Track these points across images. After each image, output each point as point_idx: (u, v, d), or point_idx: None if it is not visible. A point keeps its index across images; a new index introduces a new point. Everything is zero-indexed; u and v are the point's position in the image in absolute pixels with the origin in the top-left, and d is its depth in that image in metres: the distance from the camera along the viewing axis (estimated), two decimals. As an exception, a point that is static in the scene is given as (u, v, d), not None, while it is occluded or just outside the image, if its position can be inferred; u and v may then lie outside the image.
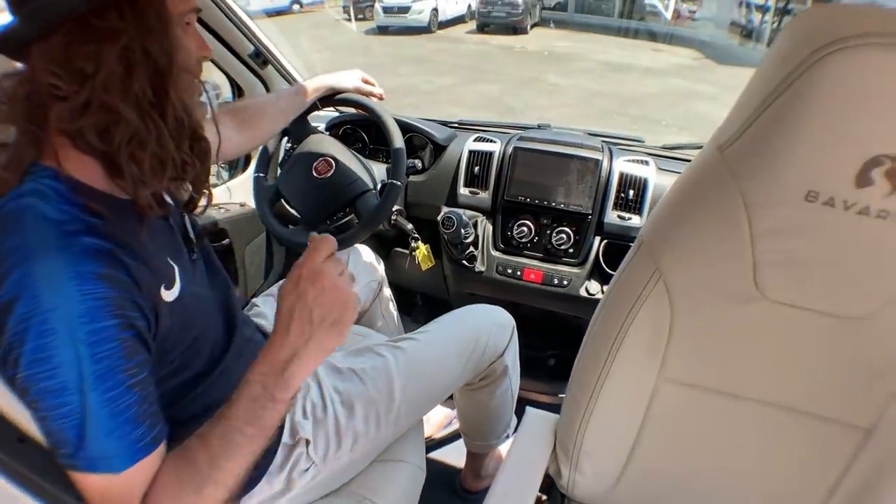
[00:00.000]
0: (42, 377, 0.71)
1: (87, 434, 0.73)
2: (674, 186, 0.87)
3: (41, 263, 0.71)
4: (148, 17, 0.78)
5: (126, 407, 0.75)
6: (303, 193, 1.72)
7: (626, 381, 0.96)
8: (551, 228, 1.86)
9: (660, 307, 0.87)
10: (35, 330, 0.70)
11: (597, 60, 12.99)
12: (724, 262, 0.80)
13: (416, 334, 1.46)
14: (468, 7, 18.32)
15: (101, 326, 0.73)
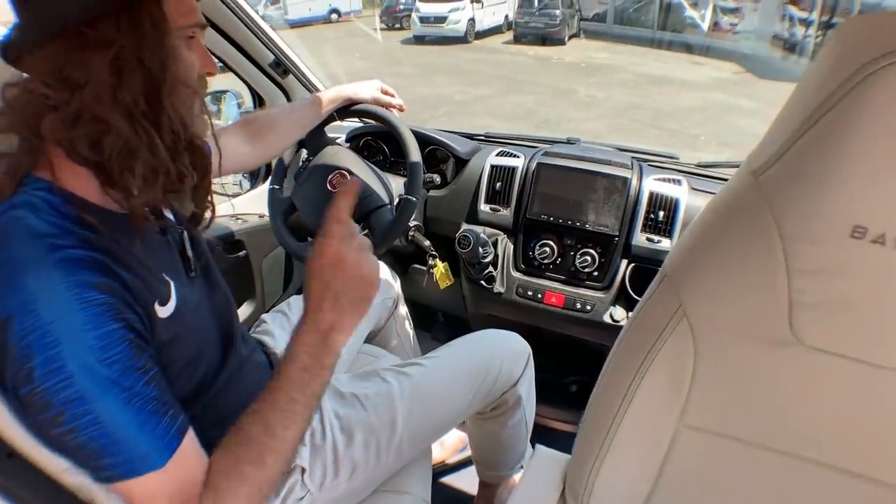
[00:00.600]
0: (60, 387, 0.70)
1: (118, 437, 0.73)
2: (702, 214, 0.78)
3: (34, 276, 0.71)
4: (143, 27, 0.77)
5: (147, 401, 0.75)
6: (316, 207, 1.66)
7: (644, 425, 0.88)
8: (575, 249, 1.77)
9: (682, 347, 0.78)
10: (39, 343, 0.69)
11: (634, 72, 12.85)
12: (755, 300, 0.71)
13: (425, 360, 1.39)
14: (505, 17, 18.37)
15: (106, 331, 0.73)
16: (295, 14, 20.13)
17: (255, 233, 2.10)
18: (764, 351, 0.73)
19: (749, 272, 0.70)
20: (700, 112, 9.88)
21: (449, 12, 16.70)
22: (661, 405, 0.84)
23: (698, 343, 0.77)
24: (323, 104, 1.60)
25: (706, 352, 0.77)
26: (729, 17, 16.58)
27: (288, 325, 1.50)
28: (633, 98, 10.83)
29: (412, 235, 1.76)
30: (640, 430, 0.88)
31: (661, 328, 0.79)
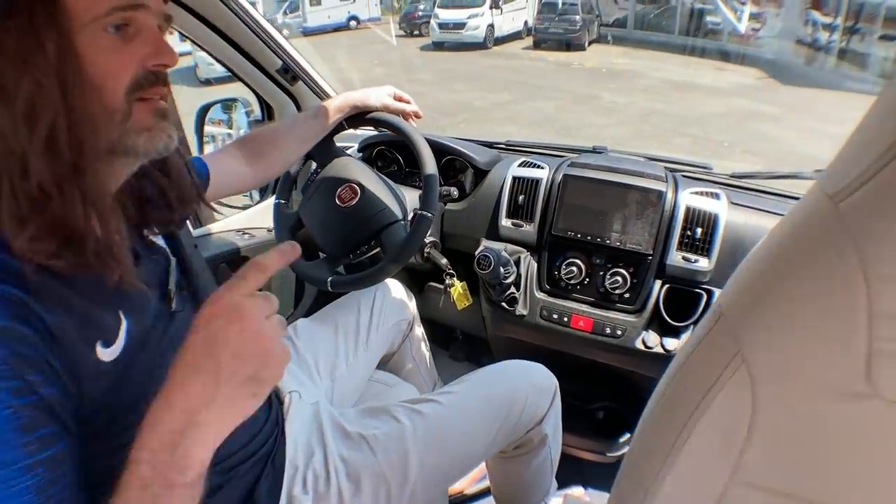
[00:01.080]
0: None
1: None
2: (766, 242, 0.65)
3: None
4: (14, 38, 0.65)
5: (20, 492, 0.58)
6: (324, 223, 1.54)
7: (690, 483, 0.75)
8: (605, 269, 1.63)
9: (739, 397, 0.65)
10: None
11: (656, 78, 12.75)
12: (827, 347, 0.57)
13: (440, 395, 1.26)
14: (525, 23, 18.41)
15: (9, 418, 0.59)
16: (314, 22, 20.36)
17: (263, 249, 1.99)
18: (834, 404, 0.60)
19: (822, 314, 0.56)
20: (723, 118, 9.73)
21: (468, 18, 16.77)
22: (711, 461, 0.71)
23: (758, 393, 0.63)
24: (330, 113, 1.48)
25: (766, 403, 0.64)
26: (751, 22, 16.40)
27: (293, 352, 1.39)
28: (655, 104, 10.74)
29: (428, 252, 1.63)
30: (685, 488, 0.75)
31: (716, 376, 0.66)
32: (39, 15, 0.66)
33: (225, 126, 2.28)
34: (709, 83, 12.57)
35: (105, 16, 0.71)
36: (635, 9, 18.92)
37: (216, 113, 2.21)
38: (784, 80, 12.71)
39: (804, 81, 12.56)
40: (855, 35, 14.18)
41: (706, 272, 1.54)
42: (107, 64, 0.72)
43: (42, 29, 0.66)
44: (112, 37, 0.72)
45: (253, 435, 1.02)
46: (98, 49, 0.71)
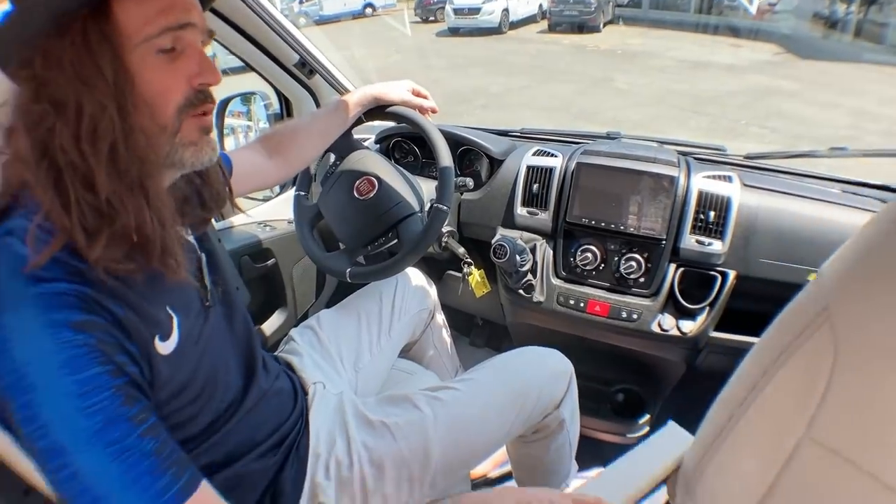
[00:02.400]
0: (36, 437, 0.64)
1: (101, 496, 0.65)
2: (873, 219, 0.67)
3: (10, 313, 0.65)
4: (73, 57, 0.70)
5: (141, 457, 0.68)
6: (342, 215, 1.58)
7: (769, 424, 0.78)
8: (619, 255, 1.66)
9: (822, 352, 0.67)
10: (16, 386, 0.64)
11: (672, 58, 12.62)
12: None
13: (459, 383, 1.29)
14: (539, 7, 18.22)
15: (87, 376, 0.66)
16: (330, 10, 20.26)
17: (284, 240, 2.03)
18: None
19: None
20: (741, 96, 9.63)
21: (483, 3, 16.61)
22: (789, 408, 0.74)
23: (839, 352, 0.66)
24: (349, 107, 1.50)
25: (846, 364, 0.66)
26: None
27: (318, 343, 1.43)
28: (671, 84, 10.62)
29: (446, 242, 1.67)
30: (763, 427, 0.79)
31: (802, 327, 0.69)
32: (93, 33, 0.69)
33: (245, 118, 2.33)
34: (725, 61, 12.43)
35: (157, 36, 0.74)
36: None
37: (235, 105, 2.25)
38: (802, 54, 12.56)
39: (822, 55, 12.39)
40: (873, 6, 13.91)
41: (720, 254, 1.56)
42: (158, 83, 0.75)
43: (97, 48, 0.70)
44: (160, 56, 0.75)
45: (278, 425, 1.06)
46: (149, 68, 0.74)
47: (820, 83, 10.27)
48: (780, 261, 1.56)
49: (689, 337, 1.60)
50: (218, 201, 1.03)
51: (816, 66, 11.72)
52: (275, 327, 2.10)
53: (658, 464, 0.98)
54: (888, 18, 13.19)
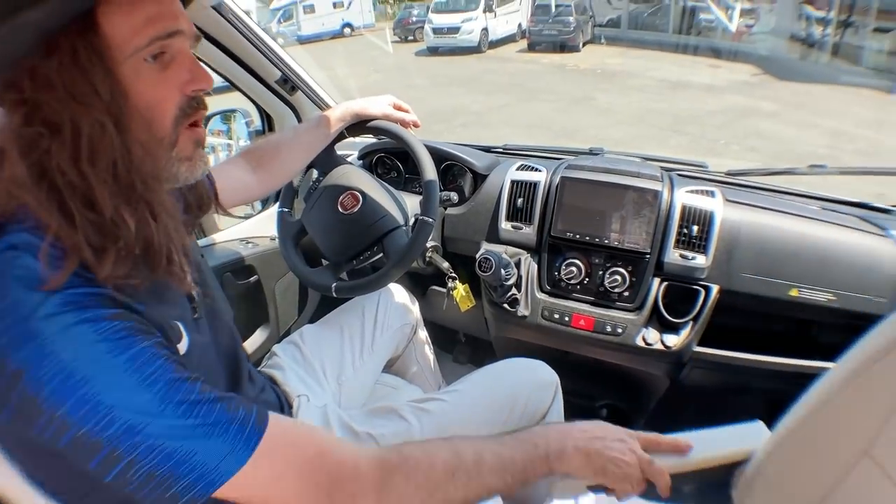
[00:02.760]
0: (103, 425, 0.63)
1: (184, 455, 0.65)
2: None
3: (42, 322, 0.63)
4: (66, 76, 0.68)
5: (210, 406, 0.69)
6: (327, 230, 1.57)
7: (830, 438, 0.80)
8: (604, 269, 1.66)
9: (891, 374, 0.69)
10: (65, 387, 0.62)
11: (652, 78, 12.76)
12: None
13: (445, 394, 1.29)
14: (518, 26, 18.45)
15: (136, 351, 0.67)
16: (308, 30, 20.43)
17: (267, 256, 2.02)
18: None
19: None
20: (719, 115, 9.75)
21: (462, 22, 16.80)
22: (856, 423, 0.75)
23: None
24: (331, 123, 1.50)
25: None
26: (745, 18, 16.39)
27: (300, 358, 1.42)
28: (651, 103, 10.76)
29: (430, 257, 1.66)
30: (828, 437, 0.81)
31: (883, 347, 0.69)
32: (83, 49, 0.68)
33: (225, 136, 2.31)
34: (704, 81, 12.59)
35: (146, 47, 0.72)
36: (629, 8, 18.92)
37: (215, 124, 2.25)
38: (779, 75, 12.73)
39: (799, 76, 12.55)
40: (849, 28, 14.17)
41: (703, 269, 1.57)
42: (152, 94, 0.74)
43: (88, 65, 0.68)
44: (151, 66, 0.74)
45: None
46: (141, 80, 0.73)
47: (797, 104, 10.41)
48: (761, 275, 1.57)
49: (673, 351, 1.60)
50: (202, 206, 1.03)
51: (794, 87, 11.88)
52: (258, 344, 2.09)
53: (730, 446, 0.99)
54: (863, 41, 13.44)
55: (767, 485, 0.91)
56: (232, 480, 0.67)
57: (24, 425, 0.63)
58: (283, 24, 20.30)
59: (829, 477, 0.79)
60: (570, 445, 0.88)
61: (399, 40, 19.89)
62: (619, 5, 19.13)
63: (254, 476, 0.69)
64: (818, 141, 8.22)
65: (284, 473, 0.72)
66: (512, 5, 18.52)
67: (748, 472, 0.95)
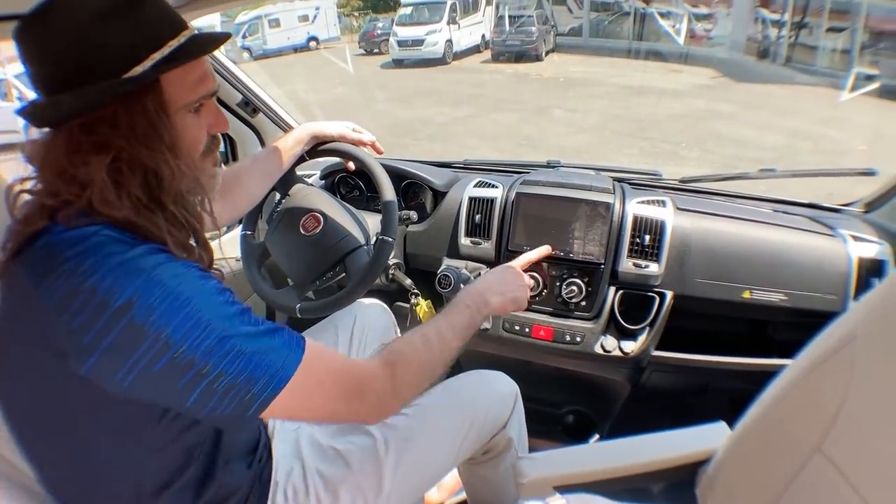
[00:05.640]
0: (202, 337, 0.77)
1: (261, 358, 0.81)
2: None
3: (142, 259, 0.79)
4: (141, 124, 0.84)
5: (265, 323, 0.85)
6: (290, 253, 1.60)
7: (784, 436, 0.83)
8: (561, 280, 1.72)
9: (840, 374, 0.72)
10: (172, 307, 0.76)
11: (614, 84, 12.86)
12: None
13: (407, 408, 1.32)
14: (482, 37, 18.45)
15: (215, 282, 0.84)
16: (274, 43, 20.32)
17: (233, 278, 2.03)
18: None
19: None
20: (681, 119, 9.86)
21: (426, 35, 16.82)
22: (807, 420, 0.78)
23: (856, 375, 0.70)
24: (290, 146, 1.54)
25: (861, 387, 0.70)
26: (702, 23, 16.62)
27: None
28: (613, 110, 10.85)
29: (393, 274, 1.70)
30: (782, 434, 0.84)
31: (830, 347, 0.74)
32: (151, 103, 0.84)
33: None
34: (665, 86, 12.70)
35: (194, 102, 0.91)
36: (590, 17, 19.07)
37: None
38: (738, 78, 12.93)
39: (757, 78, 12.80)
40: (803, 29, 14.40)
41: (657, 276, 1.63)
42: (192, 137, 0.93)
43: (154, 115, 0.85)
44: (192, 115, 0.92)
45: (251, 459, 1.09)
46: (186, 126, 0.91)
47: (755, 105, 10.56)
48: (714, 280, 1.64)
49: (631, 357, 1.65)
50: None
51: (752, 88, 12.12)
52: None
53: (693, 446, 1.06)
54: (818, 41, 13.68)
55: (728, 482, 0.95)
56: (291, 382, 0.83)
57: (118, 358, 0.75)
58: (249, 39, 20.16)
59: (784, 473, 0.82)
60: (488, 296, 1.24)
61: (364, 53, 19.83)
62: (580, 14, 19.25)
63: (304, 379, 0.85)
64: (777, 141, 8.34)
65: (324, 380, 0.89)
66: (475, 17, 18.60)
67: (710, 471, 1.00)
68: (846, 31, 12.91)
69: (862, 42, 12.48)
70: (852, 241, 1.60)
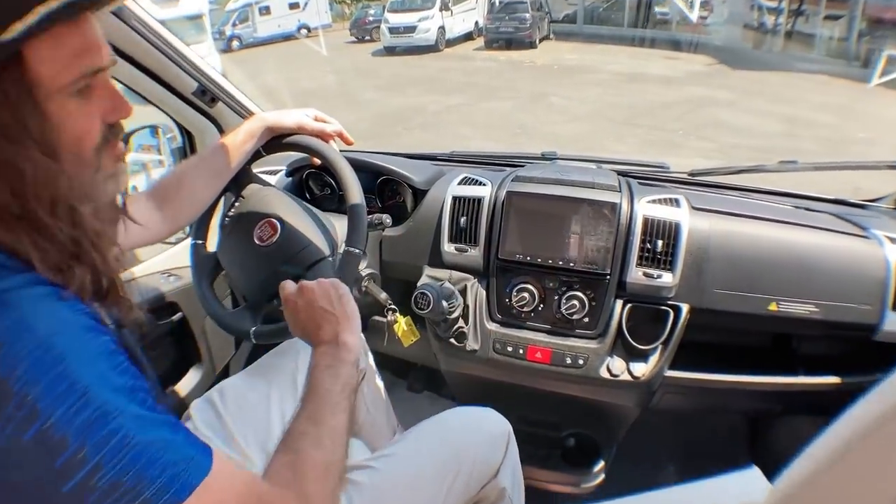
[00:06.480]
0: (76, 409, 0.61)
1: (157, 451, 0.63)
2: None
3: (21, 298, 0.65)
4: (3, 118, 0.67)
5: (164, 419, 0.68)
6: (243, 266, 1.37)
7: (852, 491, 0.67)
8: (559, 293, 1.48)
9: None
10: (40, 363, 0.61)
11: (609, 72, 12.77)
12: None
13: (378, 460, 1.12)
14: (475, 24, 18.40)
15: (108, 340, 0.69)
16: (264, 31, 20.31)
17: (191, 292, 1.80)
18: None
19: None
20: (677, 107, 9.74)
21: (418, 21, 16.72)
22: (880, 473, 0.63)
23: None
24: (241, 141, 1.31)
25: None
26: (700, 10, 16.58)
27: (217, 424, 1.24)
28: (608, 97, 10.74)
29: (366, 286, 1.48)
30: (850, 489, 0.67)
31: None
32: (11, 87, 0.66)
33: (155, 151, 2.09)
34: (660, 73, 12.64)
35: (72, 83, 0.71)
36: (584, 4, 19.01)
37: (144, 138, 2.02)
38: (734, 65, 12.87)
39: (754, 65, 12.78)
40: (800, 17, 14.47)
41: (671, 287, 1.42)
42: (78, 128, 0.73)
43: (17, 102, 0.67)
44: (76, 99, 0.72)
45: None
46: (67, 114, 0.71)
47: (753, 92, 10.52)
48: (736, 290, 1.44)
49: (642, 381, 1.44)
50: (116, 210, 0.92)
51: (749, 75, 12.07)
52: (190, 386, 1.89)
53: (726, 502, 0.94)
54: (815, 29, 13.76)
55: None
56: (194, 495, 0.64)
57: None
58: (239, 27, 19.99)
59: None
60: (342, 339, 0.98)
61: (355, 40, 19.72)
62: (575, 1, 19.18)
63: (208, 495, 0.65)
64: (775, 128, 8.32)
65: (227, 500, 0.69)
66: (468, 3, 18.46)
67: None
68: (843, 19, 12.96)
69: (860, 30, 12.57)
70: (889, 244, 1.41)
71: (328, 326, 0.99)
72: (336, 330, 0.98)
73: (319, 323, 0.99)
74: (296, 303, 1.03)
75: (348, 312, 1.02)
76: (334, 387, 0.90)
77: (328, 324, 0.99)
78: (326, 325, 0.99)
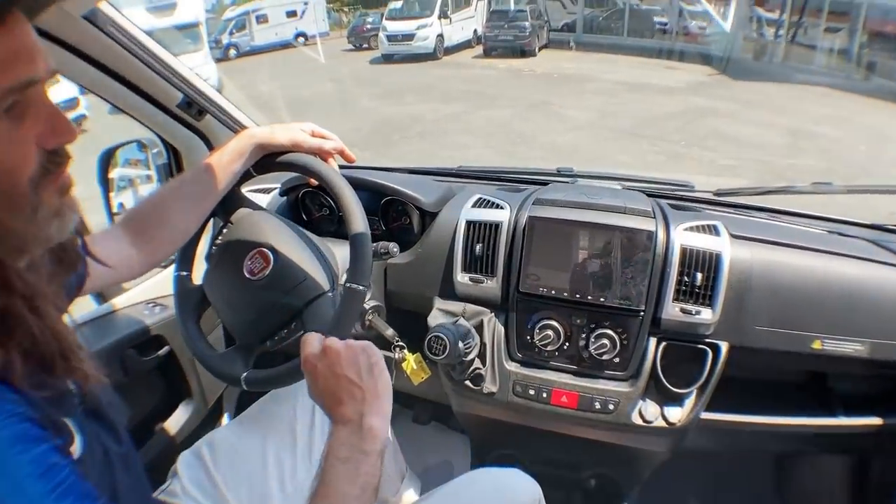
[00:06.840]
0: None
1: None
2: None
3: None
4: None
5: None
6: (231, 302, 1.21)
7: None
8: (588, 330, 1.33)
9: None
10: None
11: (608, 81, 12.73)
12: None
13: None
14: (474, 32, 18.43)
15: (39, 452, 0.57)
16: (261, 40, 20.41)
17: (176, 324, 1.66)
18: None
19: None
20: (678, 117, 9.67)
21: (416, 29, 16.71)
22: None
23: None
24: (227, 162, 1.15)
25: None
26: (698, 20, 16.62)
27: (207, 483, 1.11)
28: (609, 107, 10.66)
29: (370, 321, 1.32)
30: None
31: None
32: None
33: (143, 167, 1.94)
34: (661, 83, 12.58)
35: None
36: (584, 12, 19.03)
37: (131, 153, 1.87)
38: (735, 76, 12.87)
39: (755, 76, 12.78)
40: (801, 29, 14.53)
41: (710, 324, 1.28)
42: (6, 157, 0.61)
43: None
44: (3, 122, 0.60)
45: None
46: None
47: (754, 103, 10.48)
48: (779, 327, 1.30)
49: (678, 427, 1.29)
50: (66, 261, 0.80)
51: (750, 86, 12.04)
52: (181, 423, 1.75)
53: None
54: (815, 41, 13.80)
55: None
56: None
57: None
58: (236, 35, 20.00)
59: None
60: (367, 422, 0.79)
61: (353, 48, 19.72)
62: (574, 9, 19.24)
63: None
64: (778, 140, 8.26)
65: None
66: (467, 11, 18.49)
67: None
68: (843, 31, 13.02)
69: (860, 42, 12.64)
70: (937, 274, 1.29)
71: (351, 404, 0.80)
72: (361, 410, 0.79)
73: (341, 397, 0.80)
74: (315, 366, 0.83)
75: (379, 389, 0.82)
76: (352, 489, 0.74)
77: (352, 400, 0.80)
78: (350, 400, 0.80)
